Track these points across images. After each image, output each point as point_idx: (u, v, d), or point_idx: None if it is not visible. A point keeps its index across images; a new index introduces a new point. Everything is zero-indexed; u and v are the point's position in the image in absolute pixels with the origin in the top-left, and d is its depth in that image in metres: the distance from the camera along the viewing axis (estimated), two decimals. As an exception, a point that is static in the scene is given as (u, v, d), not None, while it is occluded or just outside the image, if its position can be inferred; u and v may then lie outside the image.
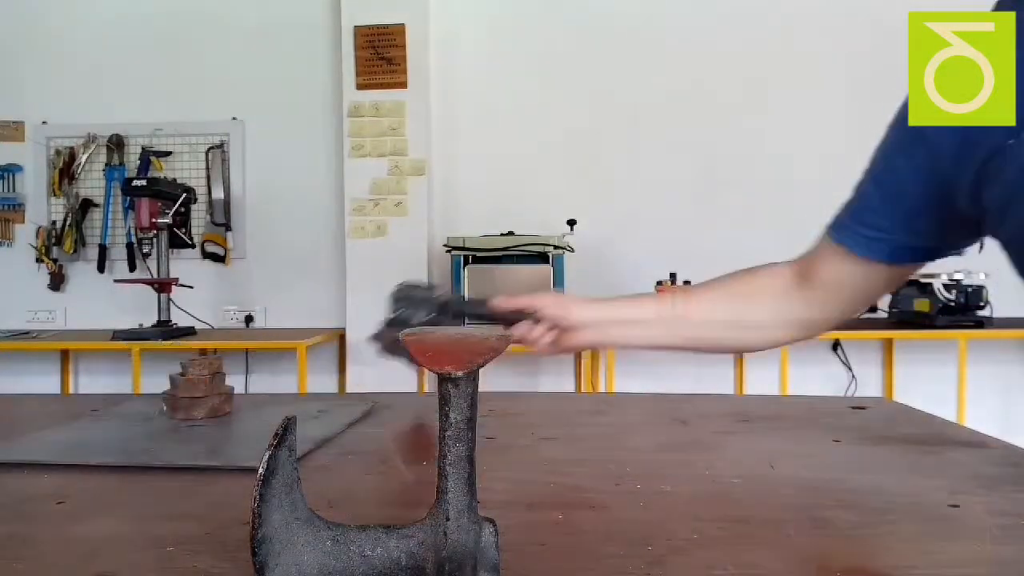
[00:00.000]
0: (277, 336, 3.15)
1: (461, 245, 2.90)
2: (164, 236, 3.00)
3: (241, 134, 3.48)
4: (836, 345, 3.28)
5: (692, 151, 3.33)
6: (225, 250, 3.46)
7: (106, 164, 3.49)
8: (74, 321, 3.51)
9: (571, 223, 2.95)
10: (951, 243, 0.69)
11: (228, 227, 3.45)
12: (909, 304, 2.99)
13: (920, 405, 1.09)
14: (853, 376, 3.25)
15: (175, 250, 3.16)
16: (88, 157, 3.48)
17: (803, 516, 0.60)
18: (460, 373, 0.48)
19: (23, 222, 3.54)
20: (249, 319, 3.46)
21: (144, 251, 3.25)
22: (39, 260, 3.49)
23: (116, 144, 3.48)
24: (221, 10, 3.49)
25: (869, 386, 3.26)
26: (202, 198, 3.41)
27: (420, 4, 3.27)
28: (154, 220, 2.93)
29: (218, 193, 3.44)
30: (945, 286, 2.83)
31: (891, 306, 3.14)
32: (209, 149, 3.47)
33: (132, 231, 3.35)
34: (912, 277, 2.98)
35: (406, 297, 0.94)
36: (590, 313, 0.85)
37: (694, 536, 0.56)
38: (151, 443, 0.87)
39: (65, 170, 3.47)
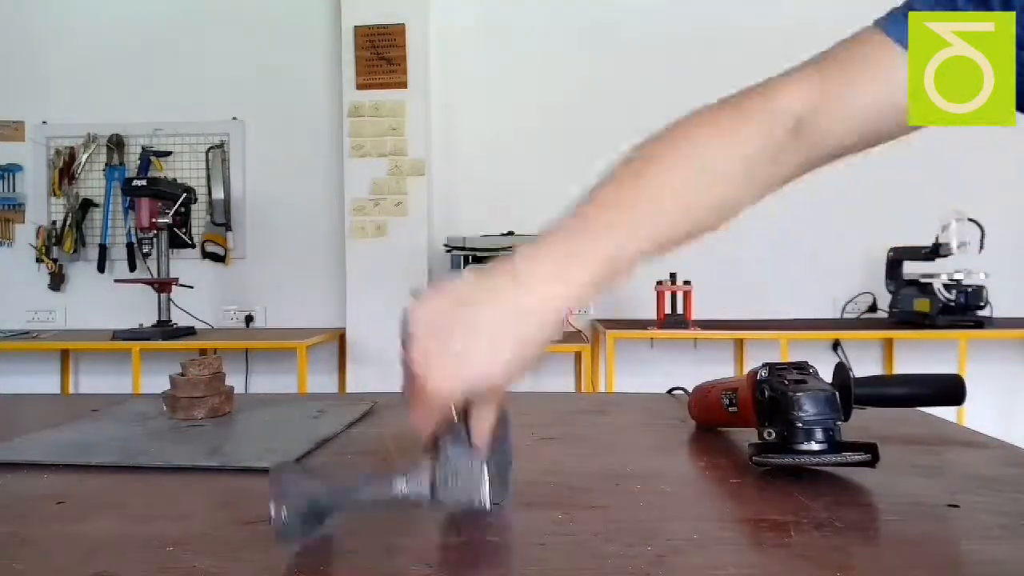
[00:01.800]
0: (277, 336, 3.16)
1: (461, 245, 2.90)
2: (164, 236, 3.00)
3: (241, 134, 3.48)
4: (836, 345, 3.28)
5: (692, 151, 3.33)
6: (225, 250, 3.46)
7: (106, 164, 3.50)
8: (74, 321, 3.51)
9: (571, 223, 2.94)
10: None
11: (228, 227, 3.45)
12: (909, 304, 2.99)
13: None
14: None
15: (175, 250, 3.17)
16: (88, 157, 3.48)
17: (803, 516, 0.60)
18: None
19: (23, 222, 3.54)
20: (249, 319, 3.46)
21: (144, 251, 3.25)
22: (39, 260, 3.49)
23: (116, 144, 3.48)
24: (221, 10, 3.49)
25: (869, 386, 3.26)
26: (202, 198, 3.41)
27: (420, 4, 3.27)
28: (154, 220, 2.94)
29: (218, 193, 3.44)
30: (945, 286, 2.82)
31: (891, 306, 3.14)
32: (209, 149, 3.47)
33: (132, 231, 3.35)
34: (911, 277, 3.00)
35: None
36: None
37: (694, 536, 0.56)
38: (151, 443, 0.87)
39: (65, 170, 3.47)
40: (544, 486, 0.70)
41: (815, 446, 0.69)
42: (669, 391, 1.18)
